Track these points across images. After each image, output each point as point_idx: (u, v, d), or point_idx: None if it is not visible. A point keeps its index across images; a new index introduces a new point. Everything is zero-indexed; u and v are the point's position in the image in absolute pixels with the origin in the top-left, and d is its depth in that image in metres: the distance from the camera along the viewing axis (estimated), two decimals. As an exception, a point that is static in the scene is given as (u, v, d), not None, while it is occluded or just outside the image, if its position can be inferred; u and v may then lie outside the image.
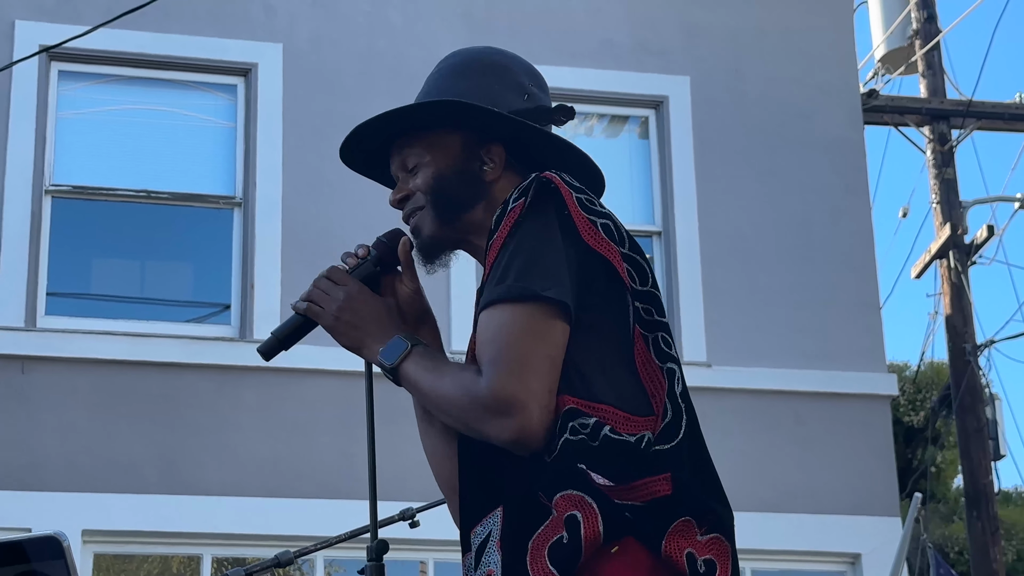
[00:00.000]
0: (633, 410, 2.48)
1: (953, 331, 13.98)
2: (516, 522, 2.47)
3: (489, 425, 2.44)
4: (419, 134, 2.76)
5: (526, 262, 2.48)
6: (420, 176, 2.74)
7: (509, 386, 2.42)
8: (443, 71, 2.83)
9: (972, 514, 13.63)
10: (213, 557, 9.26)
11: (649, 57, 10.72)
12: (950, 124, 14.34)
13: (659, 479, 2.42)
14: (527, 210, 2.53)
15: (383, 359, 2.61)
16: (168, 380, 9.40)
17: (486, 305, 2.50)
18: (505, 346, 2.45)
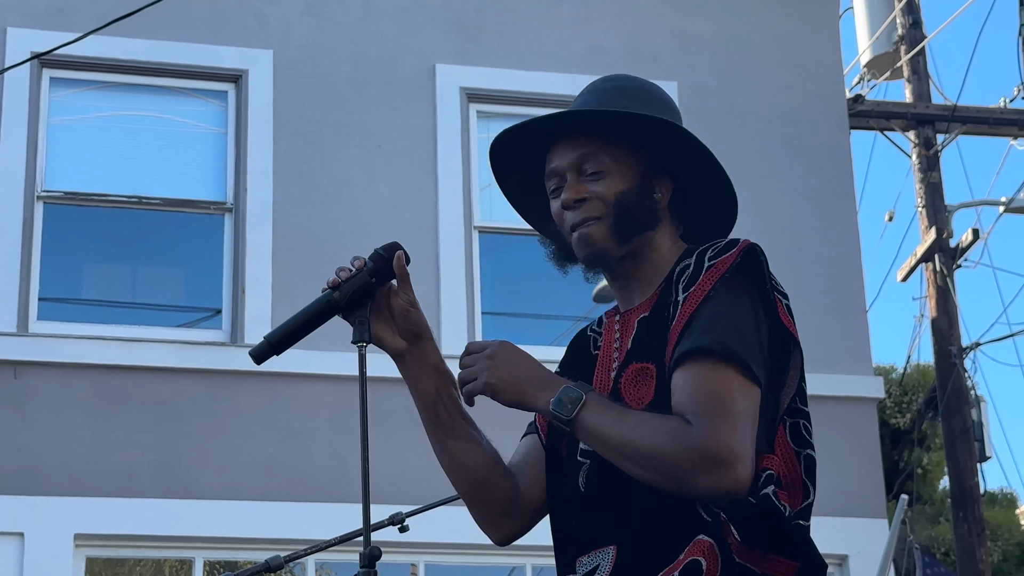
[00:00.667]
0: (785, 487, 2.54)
1: (939, 334, 13.99)
2: (632, 561, 2.51)
3: (703, 475, 2.44)
4: (607, 141, 2.71)
5: (736, 325, 2.51)
6: (603, 185, 2.69)
7: (730, 439, 2.43)
8: (627, 92, 2.80)
9: (958, 515, 13.64)
10: (205, 561, 9.24)
11: (639, 63, 10.72)
12: (935, 129, 14.36)
13: (787, 564, 2.48)
14: (735, 270, 2.56)
15: (557, 411, 2.55)
16: (160, 384, 9.38)
17: (692, 353, 2.50)
18: (722, 399, 2.46)
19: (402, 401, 10.17)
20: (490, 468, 2.81)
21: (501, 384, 2.61)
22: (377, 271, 2.73)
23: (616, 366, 2.67)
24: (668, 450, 2.45)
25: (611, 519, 2.56)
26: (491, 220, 10.28)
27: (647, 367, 2.59)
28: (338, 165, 10.03)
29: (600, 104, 2.75)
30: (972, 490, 13.58)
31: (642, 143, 2.70)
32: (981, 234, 14.18)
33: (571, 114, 2.73)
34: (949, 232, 14.19)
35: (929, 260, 14.21)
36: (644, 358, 2.60)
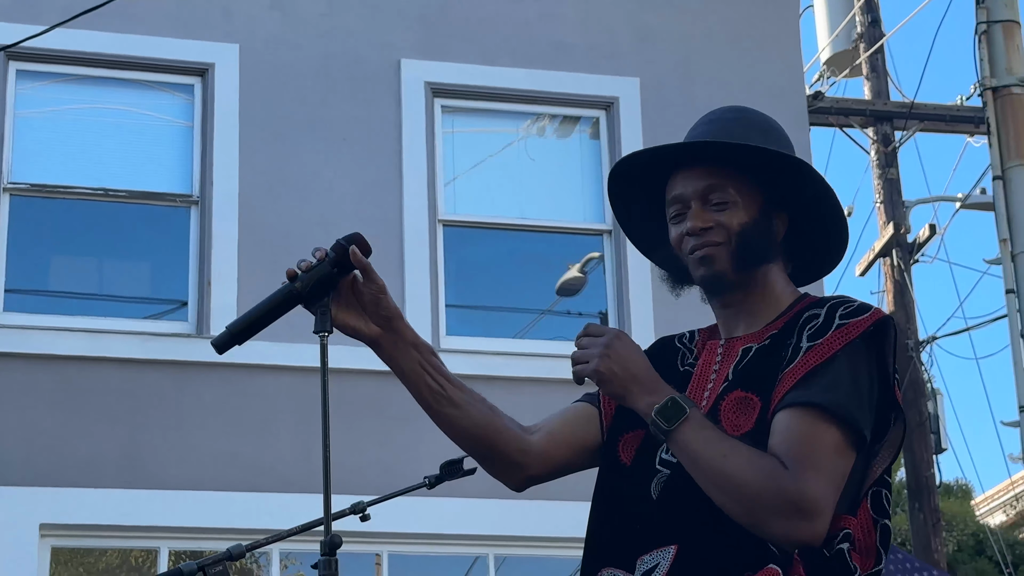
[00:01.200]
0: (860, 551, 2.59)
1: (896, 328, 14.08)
2: (691, 562, 2.56)
3: (785, 522, 2.49)
4: (732, 173, 2.74)
5: (854, 389, 2.57)
6: (728, 216, 2.72)
7: (818, 491, 2.49)
8: (750, 123, 2.81)
9: (914, 506, 13.73)
10: (170, 550, 9.23)
11: (600, 59, 10.74)
12: (893, 125, 14.43)
13: None
14: (866, 337, 2.61)
15: (658, 419, 2.58)
16: (126, 375, 9.36)
17: (805, 404, 2.55)
18: (820, 454, 2.51)
19: (363, 392, 10.20)
20: (488, 425, 2.83)
21: (610, 375, 2.63)
22: (339, 261, 2.73)
23: (716, 389, 2.71)
24: (756, 487, 2.50)
25: (679, 522, 2.60)
26: (455, 213, 10.29)
27: (750, 397, 2.63)
28: (304, 158, 10.02)
29: (723, 135, 2.76)
30: (928, 481, 13.67)
31: (764, 177, 2.74)
32: (938, 229, 14.26)
33: (702, 144, 2.75)
34: (906, 227, 14.27)
35: (887, 255, 14.28)
36: (748, 388, 2.64)
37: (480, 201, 10.42)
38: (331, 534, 2.60)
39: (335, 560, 2.59)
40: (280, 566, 9.53)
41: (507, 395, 10.23)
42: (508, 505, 8.84)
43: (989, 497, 21.04)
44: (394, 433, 9.49)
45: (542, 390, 9.67)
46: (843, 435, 2.53)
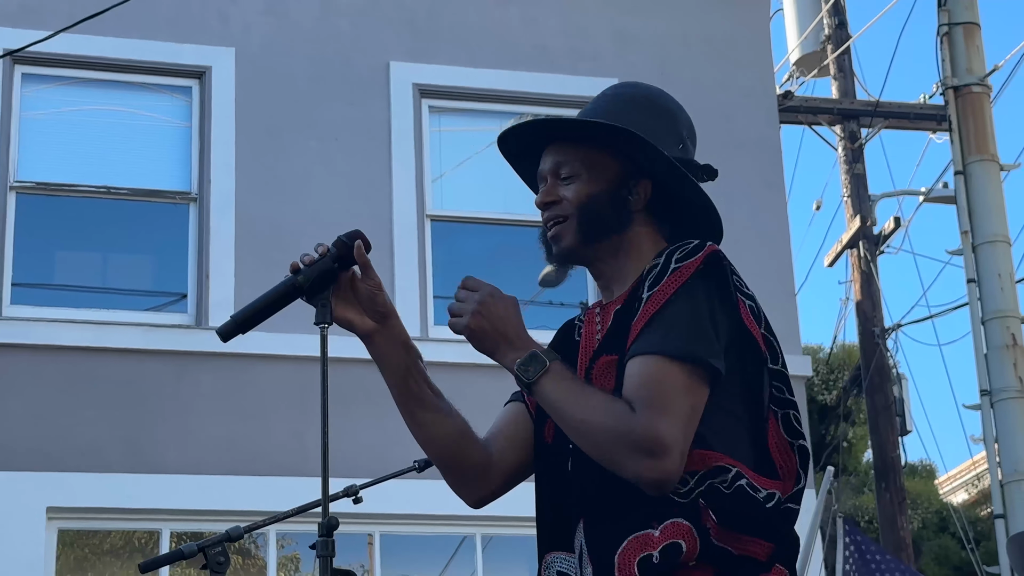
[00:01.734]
0: (766, 473, 2.55)
1: (863, 316, 14.09)
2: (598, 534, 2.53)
3: (635, 462, 2.46)
4: (581, 147, 2.73)
5: (693, 326, 2.51)
6: (572, 189, 2.71)
7: (663, 430, 2.44)
8: (620, 98, 2.79)
9: (881, 486, 13.76)
10: (172, 532, 9.22)
11: (580, 60, 10.74)
12: (860, 123, 14.45)
13: (761, 544, 2.51)
14: (698, 275, 2.56)
15: (520, 372, 2.57)
16: (128, 365, 9.34)
17: (645, 352, 2.51)
18: (665, 394, 2.47)
19: (357, 380, 10.17)
20: (460, 437, 2.81)
21: (480, 332, 2.63)
22: (340, 257, 2.73)
23: (589, 354, 2.69)
24: (608, 430, 2.47)
25: (585, 491, 2.58)
26: (442, 209, 10.28)
27: (613, 359, 2.61)
28: (297, 157, 10.01)
29: (600, 110, 2.75)
30: (894, 462, 13.70)
31: (616, 149, 2.71)
32: (902, 222, 14.28)
33: (546, 122, 2.76)
34: (872, 220, 14.29)
35: (854, 246, 14.30)
36: (612, 350, 2.62)
37: (466, 197, 10.42)
38: (328, 516, 2.60)
39: (332, 541, 2.58)
40: (277, 546, 9.53)
41: (492, 381, 10.22)
42: (494, 487, 8.85)
43: (952, 477, 21.09)
44: (385, 419, 9.45)
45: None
46: (687, 373, 2.48)
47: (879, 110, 14.24)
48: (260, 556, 9.60)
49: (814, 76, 14.98)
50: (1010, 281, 10.17)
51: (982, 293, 10.23)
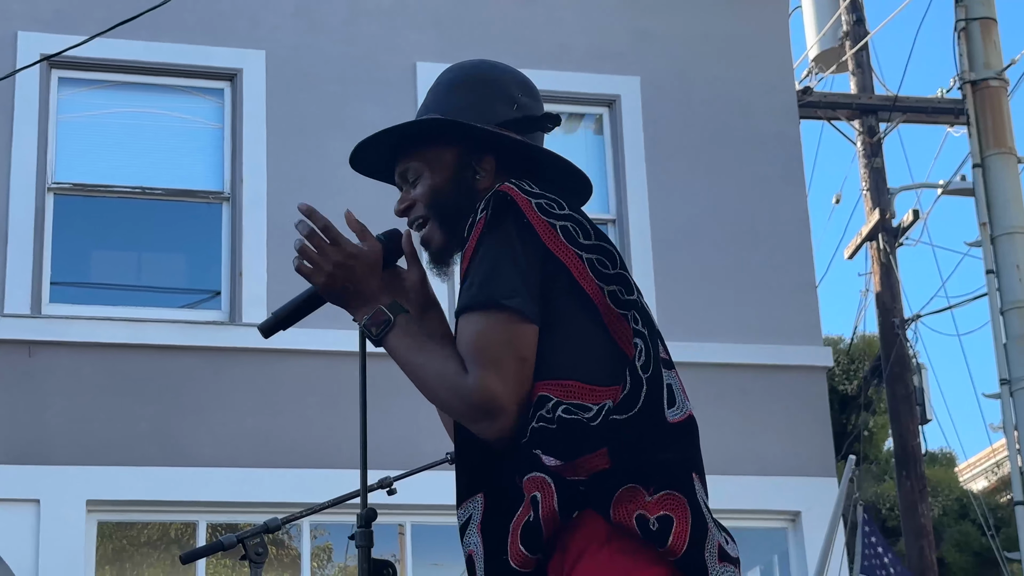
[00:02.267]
0: (598, 381, 2.47)
1: (883, 307, 14.06)
2: (496, 508, 2.49)
3: (472, 423, 2.47)
4: (418, 148, 2.75)
5: (489, 272, 2.49)
6: (419, 188, 2.75)
7: (490, 388, 2.44)
8: (440, 86, 2.83)
9: (901, 474, 13.72)
10: (208, 523, 9.25)
11: (602, 60, 10.73)
12: (878, 118, 14.41)
13: (597, 455, 2.42)
14: (488, 223, 2.53)
15: (367, 328, 2.60)
16: (164, 361, 9.38)
17: (459, 312, 2.52)
18: (481, 350, 2.46)
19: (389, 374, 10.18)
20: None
21: (332, 290, 2.65)
22: (388, 249, 2.74)
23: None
24: (446, 396, 2.49)
25: (478, 468, 2.56)
26: (469, 206, 10.29)
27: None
28: (327, 156, 10.03)
29: (426, 106, 2.80)
30: (914, 450, 13.66)
31: (443, 141, 2.73)
32: (921, 214, 14.24)
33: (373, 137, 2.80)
34: (891, 213, 14.25)
35: (873, 239, 14.26)
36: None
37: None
38: (367, 507, 2.60)
39: (371, 531, 2.59)
40: (310, 537, 9.56)
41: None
42: (522, 477, 8.86)
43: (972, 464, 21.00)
44: (418, 412, 9.49)
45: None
46: (496, 320, 2.46)
47: (897, 105, 14.19)
48: (294, 547, 9.63)
49: (833, 72, 14.94)
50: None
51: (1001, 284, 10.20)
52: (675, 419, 2.53)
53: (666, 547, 2.40)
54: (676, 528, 2.41)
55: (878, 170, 14.31)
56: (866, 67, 14.71)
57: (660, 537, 2.40)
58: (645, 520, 2.40)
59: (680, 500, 2.44)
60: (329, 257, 2.68)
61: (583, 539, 2.42)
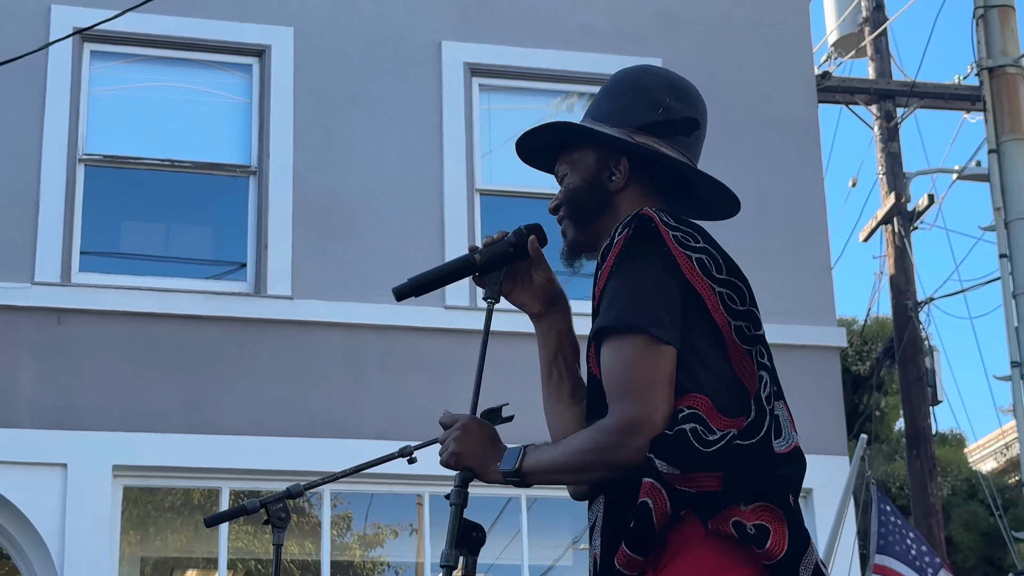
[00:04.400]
0: (724, 409, 2.56)
1: (896, 289, 14.02)
2: (613, 510, 2.60)
3: (625, 448, 2.52)
4: (566, 151, 2.86)
5: (632, 295, 2.57)
6: (565, 187, 2.85)
7: (634, 410, 2.51)
8: (600, 92, 2.91)
9: (912, 453, 13.70)
10: (231, 490, 9.28)
11: (625, 42, 10.70)
12: (895, 103, 14.35)
13: (711, 476, 2.50)
14: (629, 244, 2.60)
15: (504, 468, 2.65)
16: (190, 331, 9.40)
17: (600, 332, 2.60)
18: (625, 378, 2.54)
19: (410, 347, 10.17)
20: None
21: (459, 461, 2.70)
22: (516, 244, 2.83)
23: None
24: (596, 444, 2.54)
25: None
26: (491, 183, 10.28)
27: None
28: (352, 133, 10.02)
29: (588, 109, 2.88)
30: (925, 431, 13.63)
31: (583, 143, 2.82)
32: (936, 199, 14.19)
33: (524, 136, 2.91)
34: (907, 197, 14.20)
35: (888, 222, 14.21)
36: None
37: (514, 172, 10.41)
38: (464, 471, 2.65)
39: (466, 492, 2.63)
40: (331, 505, 9.58)
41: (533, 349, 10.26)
42: (539, 450, 8.86)
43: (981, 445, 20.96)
44: (438, 384, 9.51)
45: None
46: (638, 341, 2.53)
47: (915, 90, 14.13)
48: (314, 515, 9.65)
49: (851, 57, 14.87)
50: (1041, 257, 10.09)
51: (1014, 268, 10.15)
52: (781, 450, 2.60)
53: (764, 549, 2.48)
54: (774, 536, 2.50)
55: (894, 154, 14.25)
56: (884, 53, 14.64)
57: (759, 540, 2.49)
58: (742, 525, 2.49)
59: (776, 512, 2.53)
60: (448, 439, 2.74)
61: (681, 537, 2.52)
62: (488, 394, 2.85)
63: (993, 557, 15.82)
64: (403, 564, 9.99)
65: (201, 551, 9.62)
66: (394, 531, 9.94)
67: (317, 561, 9.47)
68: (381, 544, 9.98)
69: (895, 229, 14.06)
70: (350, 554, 9.90)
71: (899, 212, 14.08)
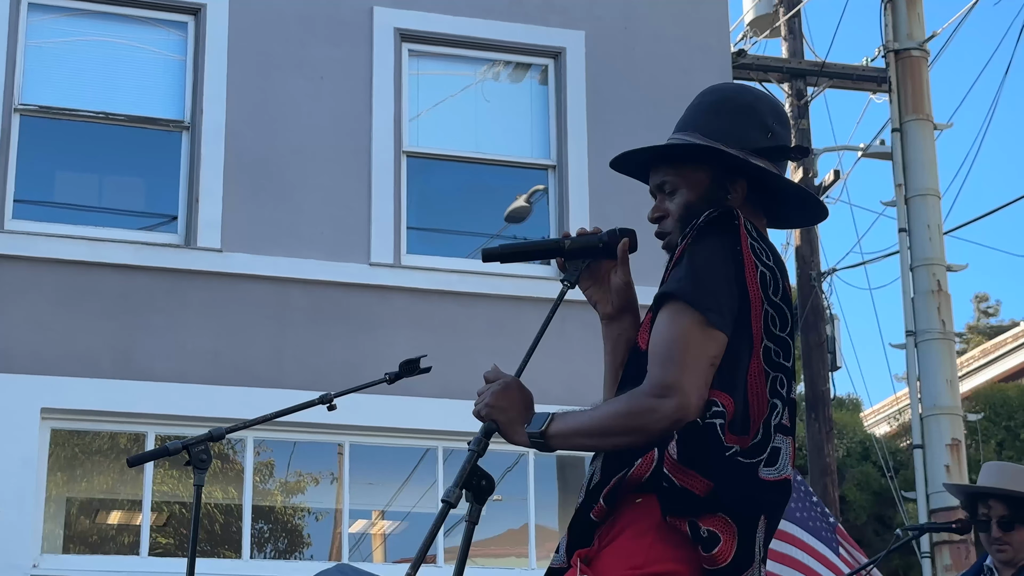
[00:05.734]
0: (734, 428, 2.56)
1: (801, 260, 14.15)
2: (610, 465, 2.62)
3: (655, 412, 2.49)
4: (677, 164, 2.82)
5: (702, 273, 2.58)
6: (675, 201, 2.80)
7: (670, 376, 2.50)
8: (702, 107, 2.87)
9: (811, 416, 13.86)
10: (156, 435, 9.21)
11: (551, 13, 10.67)
12: (806, 82, 14.43)
13: (702, 480, 2.52)
14: (710, 227, 2.62)
15: (530, 430, 2.62)
16: (121, 280, 9.29)
17: (663, 296, 2.61)
18: (671, 344, 2.54)
19: (334, 301, 10.10)
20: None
21: (491, 417, 2.66)
22: (608, 243, 2.86)
23: None
24: (623, 410, 2.53)
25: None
26: (418, 146, 10.23)
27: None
28: (284, 92, 9.93)
29: (688, 123, 2.85)
30: (824, 395, 13.81)
31: (703, 162, 2.79)
32: (841, 175, 14.31)
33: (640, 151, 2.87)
34: (814, 172, 14.31)
35: (796, 196, 14.31)
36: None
37: (440, 136, 10.37)
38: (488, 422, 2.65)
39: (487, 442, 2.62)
40: (254, 452, 9.54)
41: (460, 308, 10.24)
42: (456, 404, 8.87)
43: (876, 411, 21.24)
44: (359, 337, 9.48)
45: (491, 303, 9.68)
46: (695, 321, 2.54)
47: (824, 70, 14.23)
48: (238, 461, 9.61)
49: (766, 37, 14.94)
50: (938, 232, 10.24)
51: (912, 242, 10.28)
52: (768, 478, 2.60)
53: (710, 554, 2.49)
54: (722, 545, 2.50)
55: (804, 131, 14.35)
56: (797, 34, 14.72)
57: (707, 544, 2.49)
58: (697, 527, 2.50)
59: (731, 526, 2.53)
60: (485, 393, 2.71)
61: (635, 519, 2.55)
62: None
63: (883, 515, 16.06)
64: (323, 510, 9.98)
65: (126, 493, 9.54)
66: (315, 479, 9.91)
67: (239, 506, 9.43)
68: (302, 491, 9.95)
69: (802, 202, 14.17)
70: (272, 500, 9.86)
71: (807, 186, 14.19)
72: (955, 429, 10.00)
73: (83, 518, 9.58)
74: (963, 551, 10.19)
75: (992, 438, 16.13)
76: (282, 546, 9.92)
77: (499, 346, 9.05)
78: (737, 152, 2.75)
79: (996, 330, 28.69)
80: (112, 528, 9.54)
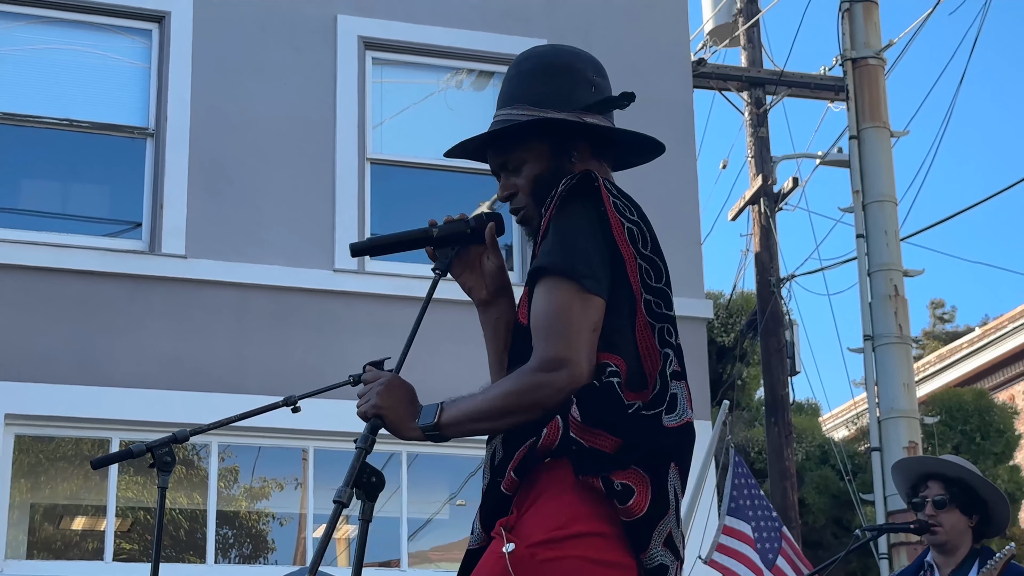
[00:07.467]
0: (631, 385, 2.56)
1: (761, 266, 14.20)
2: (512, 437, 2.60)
3: (547, 388, 2.48)
4: (515, 141, 2.78)
5: (569, 242, 2.55)
6: (522, 175, 2.78)
7: (558, 349, 2.48)
8: (522, 75, 2.83)
9: (770, 420, 13.91)
10: (121, 440, 9.15)
11: (512, 22, 10.69)
12: (765, 91, 14.50)
13: (610, 439, 2.51)
14: (573, 190, 2.60)
15: (422, 423, 2.59)
16: (85, 286, 9.25)
17: (536, 272, 2.58)
18: (553, 317, 2.51)
19: (295, 305, 10.08)
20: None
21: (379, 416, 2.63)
22: (475, 228, 2.83)
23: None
24: (513, 388, 2.51)
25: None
26: (381, 153, 10.22)
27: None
28: (248, 99, 9.90)
29: (508, 94, 2.81)
30: (783, 399, 13.85)
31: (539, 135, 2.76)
32: (800, 182, 14.37)
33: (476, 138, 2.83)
34: (773, 179, 14.37)
35: (755, 203, 14.38)
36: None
37: (403, 143, 10.36)
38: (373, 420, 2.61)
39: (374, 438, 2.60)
40: (218, 458, 9.50)
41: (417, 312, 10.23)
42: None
43: (835, 415, 21.34)
44: (323, 344, 9.46)
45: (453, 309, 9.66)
46: (571, 290, 2.52)
47: (783, 79, 14.30)
48: (203, 467, 9.56)
49: (725, 46, 15.00)
50: (895, 238, 10.29)
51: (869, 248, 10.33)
52: (671, 424, 2.60)
53: (626, 506, 2.49)
54: (636, 496, 2.50)
55: (763, 139, 14.41)
56: (756, 43, 14.79)
57: (621, 496, 2.49)
58: (610, 482, 2.49)
59: (644, 477, 2.52)
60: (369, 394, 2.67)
61: (550, 482, 2.53)
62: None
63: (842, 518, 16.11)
64: (287, 515, 9.95)
65: (90, 499, 9.49)
66: (279, 484, 9.88)
67: (204, 511, 9.39)
68: (267, 496, 9.92)
69: (761, 209, 14.24)
70: (236, 505, 9.82)
71: (766, 193, 14.25)
72: (912, 432, 10.05)
73: (47, 524, 9.52)
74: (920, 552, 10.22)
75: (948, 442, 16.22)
76: (247, 551, 9.89)
77: (461, 351, 9.04)
78: (568, 115, 2.74)
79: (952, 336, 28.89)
80: (76, 534, 9.48)
